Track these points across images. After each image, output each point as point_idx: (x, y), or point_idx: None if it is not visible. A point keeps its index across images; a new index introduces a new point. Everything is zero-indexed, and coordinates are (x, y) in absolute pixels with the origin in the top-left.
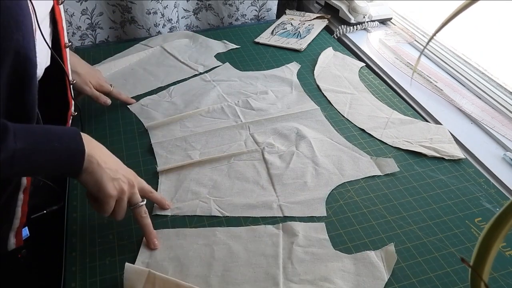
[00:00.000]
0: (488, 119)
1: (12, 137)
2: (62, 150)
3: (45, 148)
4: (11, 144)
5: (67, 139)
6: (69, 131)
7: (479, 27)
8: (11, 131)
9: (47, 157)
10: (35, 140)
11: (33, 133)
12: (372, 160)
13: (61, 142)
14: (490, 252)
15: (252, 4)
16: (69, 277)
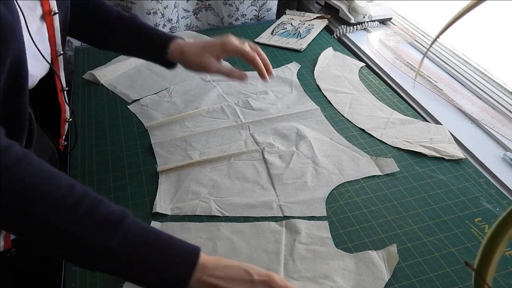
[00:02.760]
0: (488, 119)
1: (121, 233)
2: (162, 268)
3: (147, 259)
4: (110, 239)
5: (178, 257)
6: (190, 250)
7: (479, 27)
8: (124, 227)
9: (141, 268)
10: (144, 246)
11: (147, 238)
12: (372, 160)
13: (170, 260)
14: (494, 256)
15: (252, 4)
16: (69, 277)
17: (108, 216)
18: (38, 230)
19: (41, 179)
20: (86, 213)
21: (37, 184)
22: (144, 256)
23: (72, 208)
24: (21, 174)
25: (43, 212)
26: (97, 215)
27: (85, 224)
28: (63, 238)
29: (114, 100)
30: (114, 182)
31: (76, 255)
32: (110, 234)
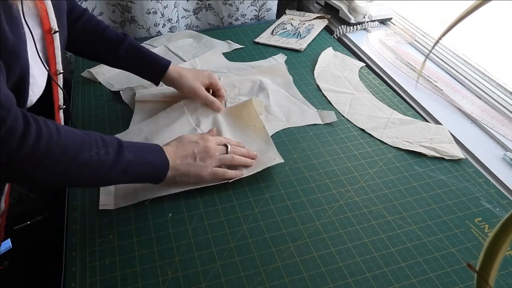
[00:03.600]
0: (488, 119)
1: (126, 150)
2: (154, 162)
3: (145, 160)
4: (126, 155)
5: (156, 153)
6: (154, 147)
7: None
8: (124, 145)
9: (146, 168)
10: (139, 153)
11: (135, 148)
12: (318, 113)
13: (154, 156)
14: (497, 258)
15: (252, 4)
16: (69, 277)
17: (112, 141)
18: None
19: (74, 134)
20: (104, 145)
21: (75, 139)
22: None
23: (96, 145)
24: (64, 135)
25: (86, 154)
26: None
27: (107, 152)
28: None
29: (114, 100)
30: None
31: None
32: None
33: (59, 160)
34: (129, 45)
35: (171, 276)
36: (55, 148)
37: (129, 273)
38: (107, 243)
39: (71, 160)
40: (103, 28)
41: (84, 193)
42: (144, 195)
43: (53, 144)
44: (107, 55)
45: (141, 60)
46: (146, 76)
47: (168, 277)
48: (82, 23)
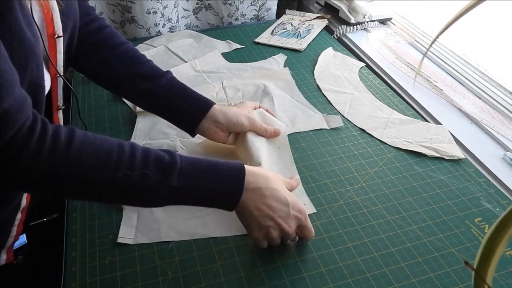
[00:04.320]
0: (488, 119)
1: (177, 175)
2: (220, 192)
3: (206, 188)
4: (173, 182)
5: (228, 179)
6: (234, 170)
7: (479, 27)
8: (177, 168)
9: (204, 196)
10: (199, 178)
11: (198, 171)
12: (323, 117)
13: (223, 184)
14: (494, 256)
15: (252, 4)
16: (69, 277)
17: (160, 162)
18: (107, 190)
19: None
20: (143, 166)
21: (97, 152)
22: (201, 182)
23: (130, 164)
24: (81, 148)
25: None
26: (151, 165)
27: (144, 175)
28: (128, 191)
29: (114, 100)
30: None
31: (142, 202)
32: (168, 177)
33: (69, 177)
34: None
35: (171, 276)
36: (61, 164)
37: (129, 273)
38: (107, 243)
39: (85, 179)
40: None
41: None
42: (167, 235)
43: (56, 159)
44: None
45: (183, 99)
46: (182, 119)
47: (168, 277)
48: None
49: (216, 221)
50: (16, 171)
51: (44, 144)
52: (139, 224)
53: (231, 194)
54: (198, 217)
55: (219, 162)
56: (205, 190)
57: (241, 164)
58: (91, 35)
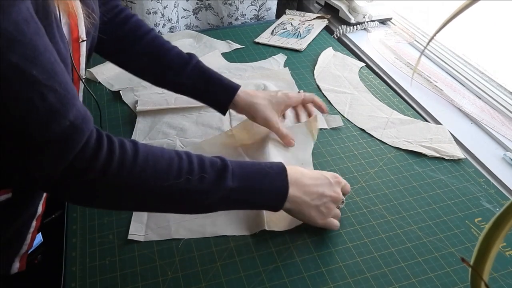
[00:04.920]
0: (488, 119)
1: (230, 176)
2: (269, 190)
3: (256, 188)
4: (229, 183)
5: (274, 177)
6: (276, 168)
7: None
8: (230, 170)
9: (255, 196)
10: (249, 178)
11: (247, 172)
12: (323, 117)
13: (269, 182)
14: (490, 252)
15: (252, 3)
16: (69, 277)
17: (214, 165)
18: (168, 197)
19: (159, 156)
20: (200, 170)
21: (160, 162)
22: (251, 183)
23: (189, 170)
24: (146, 159)
25: (172, 181)
26: (207, 168)
27: (202, 178)
28: (186, 196)
29: (114, 100)
30: None
31: (197, 207)
32: (223, 179)
33: (134, 188)
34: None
35: (171, 276)
36: (129, 176)
37: (129, 273)
38: (107, 243)
39: (150, 189)
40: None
41: None
42: (177, 233)
43: (125, 170)
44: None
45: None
46: (206, 103)
47: (168, 277)
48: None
49: (226, 221)
50: (83, 185)
51: (113, 157)
52: (149, 222)
53: (278, 191)
54: (208, 216)
55: (261, 163)
56: (255, 189)
57: (280, 162)
58: (118, 27)
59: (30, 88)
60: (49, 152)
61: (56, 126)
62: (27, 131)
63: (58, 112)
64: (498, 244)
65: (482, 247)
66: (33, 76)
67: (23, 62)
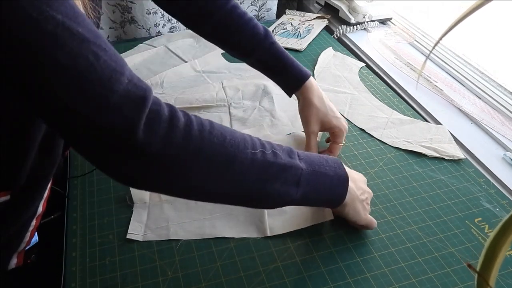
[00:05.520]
0: (488, 119)
1: (298, 158)
2: (332, 175)
3: (321, 171)
4: (298, 163)
5: (333, 164)
6: (332, 158)
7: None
8: (295, 152)
9: (322, 180)
10: (313, 162)
11: (309, 156)
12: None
13: (330, 167)
14: (497, 258)
15: (252, 4)
16: (69, 277)
17: (280, 146)
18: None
19: (229, 131)
20: (270, 146)
21: (233, 135)
22: (317, 168)
23: (261, 145)
24: (221, 127)
25: (249, 152)
26: (276, 146)
27: (275, 154)
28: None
29: None
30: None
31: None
32: (293, 158)
33: (218, 153)
34: (269, 47)
35: (171, 276)
36: (211, 139)
37: (129, 273)
38: (107, 243)
39: (232, 156)
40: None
41: (83, 193)
42: (175, 234)
43: (207, 133)
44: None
45: (277, 69)
46: (282, 86)
47: (168, 277)
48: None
49: (224, 223)
50: (170, 149)
51: (191, 119)
52: (149, 222)
53: (341, 175)
54: (207, 219)
55: (317, 154)
56: (320, 173)
57: (338, 160)
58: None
59: (83, 46)
60: (120, 115)
61: (118, 84)
62: (92, 95)
63: (115, 70)
64: (505, 250)
65: (488, 253)
66: (81, 34)
67: (68, 20)
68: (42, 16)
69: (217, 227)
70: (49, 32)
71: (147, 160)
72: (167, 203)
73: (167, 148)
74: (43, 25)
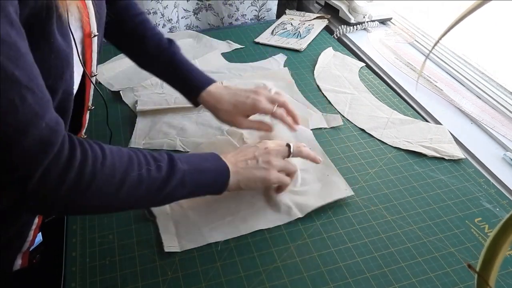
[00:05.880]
0: (488, 119)
1: (179, 161)
2: (213, 169)
3: (202, 168)
4: (181, 166)
5: (213, 160)
6: (210, 155)
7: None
8: (176, 157)
9: (204, 176)
10: (193, 162)
11: (189, 157)
12: (323, 116)
13: (211, 163)
14: (497, 258)
15: (252, 4)
16: (69, 277)
17: (162, 155)
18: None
19: (121, 154)
20: (154, 160)
21: (123, 159)
22: (196, 166)
23: (146, 161)
24: (113, 158)
25: (136, 173)
26: (159, 158)
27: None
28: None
29: (114, 100)
30: None
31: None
32: (175, 165)
33: (107, 183)
34: (170, 55)
35: (171, 276)
36: (102, 171)
37: (129, 273)
38: (107, 243)
39: (121, 182)
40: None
41: None
42: (211, 237)
43: (99, 167)
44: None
45: (177, 79)
46: (185, 97)
47: (168, 277)
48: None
49: (255, 217)
50: (62, 188)
51: (87, 155)
52: (180, 231)
53: (220, 167)
54: (237, 216)
55: (198, 153)
56: (202, 169)
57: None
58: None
59: (12, 89)
60: (26, 156)
61: (34, 128)
62: (4, 134)
63: (36, 114)
64: (505, 250)
65: (488, 253)
66: (15, 77)
67: (6, 62)
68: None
69: (249, 222)
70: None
71: (44, 198)
72: (190, 210)
73: (61, 187)
74: None
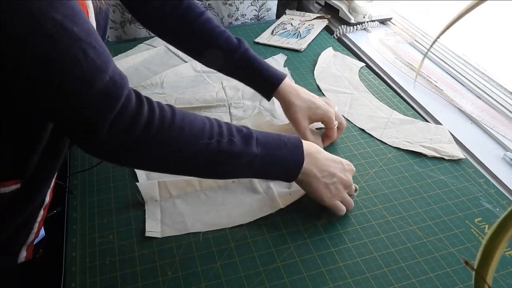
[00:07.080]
0: (488, 119)
1: (255, 143)
2: (287, 159)
3: (276, 155)
4: (254, 149)
5: (291, 147)
6: (294, 140)
7: (479, 27)
8: (254, 137)
9: (275, 164)
10: (271, 147)
11: (269, 141)
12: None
13: (288, 151)
14: (495, 255)
15: (252, 4)
16: (69, 277)
17: (241, 131)
18: (199, 158)
19: (193, 119)
20: (229, 133)
21: (195, 123)
22: (272, 151)
23: (220, 132)
24: (183, 120)
25: (205, 141)
26: (235, 133)
27: (231, 141)
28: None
29: None
30: (114, 183)
31: (224, 170)
32: (249, 144)
33: (171, 145)
34: (242, 55)
35: (171, 276)
36: (167, 132)
37: (129, 273)
38: (107, 243)
39: (185, 147)
40: (218, 33)
41: (84, 193)
42: (193, 227)
43: (165, 128)
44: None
45: (251, 75)
46: (259, 91)
47: (168, 277)
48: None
49: (239, 211)
50: (127, 141)
51: (154, 113)
52: (164, 218)
53: (295, 160)
54: (222, 209)
55: (280, 134)
56: (275, 158)
57: (297, 136)
58: (172, 11)
59: (74, 45)
60: (94, 108)
61: (99, 81)
62: (72, 88)
63: (99, 68)
64: (502, 248)
65: (486, 251)
66: (75, 34)
67: (65, 20)
68: (43, 16)
69: (233, 216)
70: (47, 31)
71: (109, 148)
72: (178, 199)
73: (126, 141)
74: (43, 24)
